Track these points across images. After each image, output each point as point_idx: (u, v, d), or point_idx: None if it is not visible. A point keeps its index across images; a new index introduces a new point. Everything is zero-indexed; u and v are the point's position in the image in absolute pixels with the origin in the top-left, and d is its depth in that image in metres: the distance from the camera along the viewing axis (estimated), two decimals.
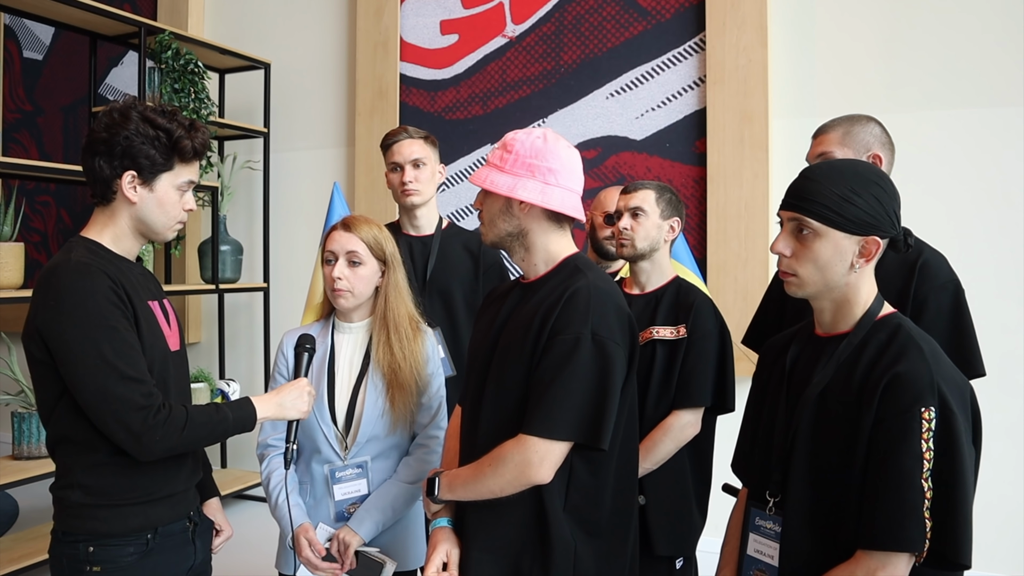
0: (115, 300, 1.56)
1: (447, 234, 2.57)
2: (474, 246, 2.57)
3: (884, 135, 1.90)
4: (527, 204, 1.58)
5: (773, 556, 1.44)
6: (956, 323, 1.76)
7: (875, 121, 1.91)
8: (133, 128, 1.59)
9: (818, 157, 1.89)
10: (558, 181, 1.58)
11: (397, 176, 2.52)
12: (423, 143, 2.52)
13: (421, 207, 2.53)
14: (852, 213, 1.36)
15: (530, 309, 1.59)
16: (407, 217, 2.57)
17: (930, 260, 1.79)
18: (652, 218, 2.16)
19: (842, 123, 1.91)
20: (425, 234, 2.56)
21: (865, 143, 1.87)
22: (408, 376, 1.96)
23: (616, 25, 3.87)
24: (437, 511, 1.67)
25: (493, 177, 1.59)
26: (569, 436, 1.49)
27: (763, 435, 1.52)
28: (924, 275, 1.77)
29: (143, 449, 1.54)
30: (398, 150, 2.51)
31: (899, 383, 1.31)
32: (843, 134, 1.88)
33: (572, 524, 1.55)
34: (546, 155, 1.59)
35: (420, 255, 2.52)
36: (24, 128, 5.28)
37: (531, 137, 1.60)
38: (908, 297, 1.76)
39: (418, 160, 2.49)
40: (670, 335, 2.11)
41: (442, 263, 2.52)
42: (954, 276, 1.80)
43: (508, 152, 1.60)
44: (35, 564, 3.23)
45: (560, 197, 1.58)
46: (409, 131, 2.54)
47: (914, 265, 1.77)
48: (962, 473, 1.29)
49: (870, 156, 1.86)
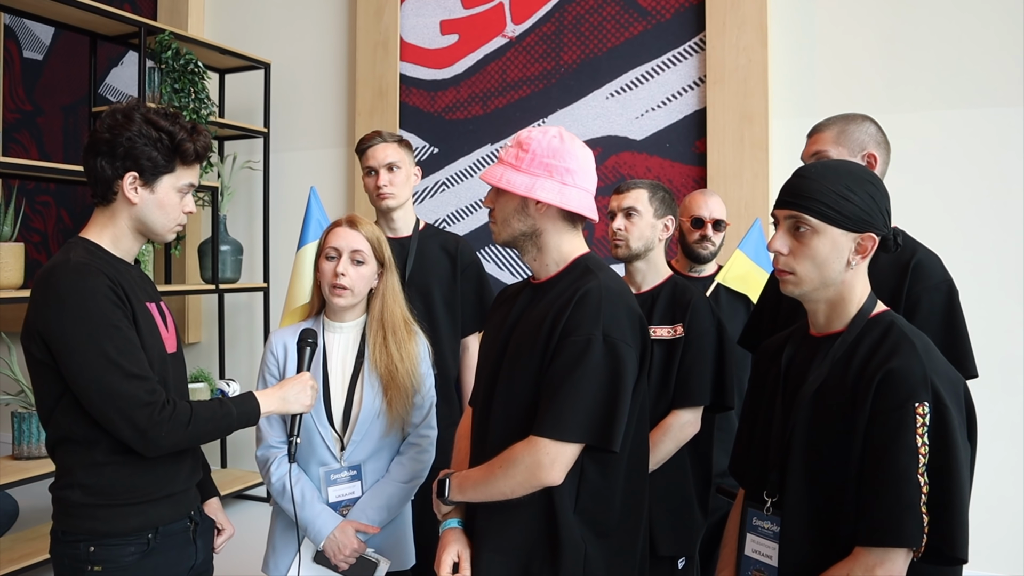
0: (115, 299, 1.57)
1: (424, 235, 2.61)
2: (451, 246, 2.61)
3: (880, 134, 1.88)
4: (544, 204, 1.57)
5: (772, 556, 1.44)
6: (949, 324, 1.74)
7: (871, 120, 1.89)
8: (136, 129, 1.60)
9: (812, 156, 1.88)
10: (575, 181, 1.58)
11: (372, 180, 2.56)
12: (397, 147, 2.56)
13: (397, 210, 2.57)
14: (849, 210, 1.37)
15: (541, 310, 1.58)
16: (384, 220, 2.61)
17: (923, 260, 1.77)
18: (646, 217, 2.16)
19: (837, 122, 1.89)
20: (402, 235, 2.60)
21: (860, 142, 1.85)
22: (405, 377, 1.97)
23: (616, 25, 3.87)
24: (448, 512, 1.67)
25: (509, 176, 1.58)
26: (580, 438, 1.48)
27: (760, 436, 1.52)
28: (917, 275, 1.75)
29: (149, 445, 1.55)
30: (372, 154, 2.55)
31: (892, 379, 1.32)
32: (838, 133, 1.86)
33: (582, 526, 1.54)
34: (564, 155, 1.57)
35: (398, 256, 2.54)
36: (24, 128, 5.29)
37: (547, 136, 1.59)
38: (901, 297, 1.74)
39: (392, 164, 2.53)
40: (667, 334, 2.11)
41: (420, 263, 2.55)
42: (947, 276, 1.78)
43: (524, 151, 1.58)
44: (35, 564, 3.23)
45: (578, 198, 1.58)
46: (383, 135, 2.58)
47: (907, 265, 1.75)
48: (957, 468, 1.29)
49: (865, 155, 1.84)
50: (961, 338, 1.75)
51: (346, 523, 1.94)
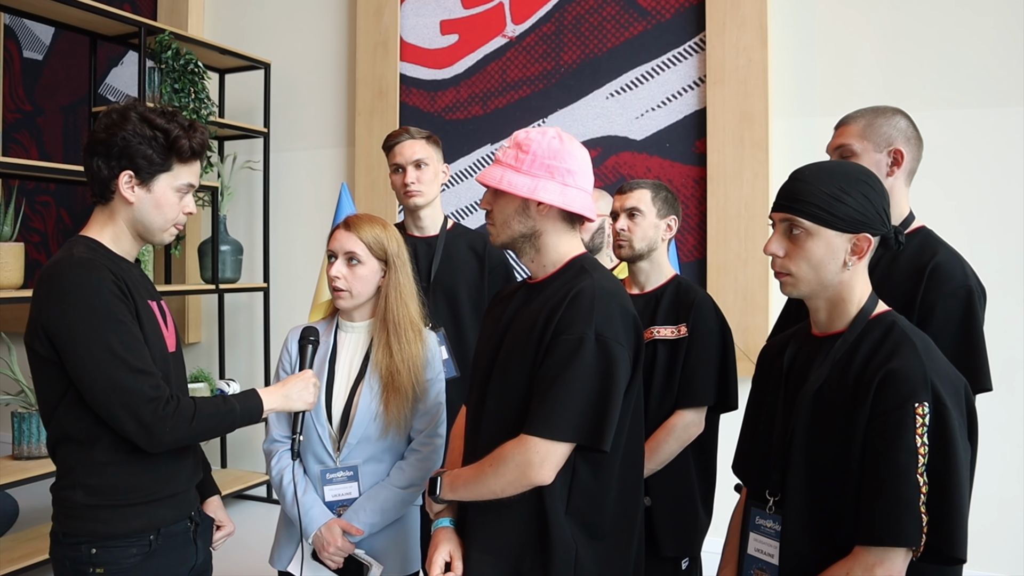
0: (119, 294, 1.56)
1: (452, 234, 2.57)
2: (479, 246, 2.56)
3: (910, 128, 1.79)
4: (545, 206, 1.56)
5: (773, 555, 1.45)
6: (965, 333, 1.63)
7: (902, 113, 1.79)
8: (131, 128, 1.60)
9: (836, 149, 1.81)
10: (576, 182, 1.58)
11: (399, 177, 2.51)
12: (425, 143, 2.51)
13: (425, 208, 2.53)
14: (842, 211, 1.38)
15: (535, 309, 1.58)
16: (411, 218, 2.57)
17: (942, 263, 1.66)
18: (649, 218, 2.16)
19: (865, 115, 1.79)
20: (430, 235, 2.55)
21: (887, 137, 1.76)
22: (405, 380, 1.95)
23: (616, 25, 3.87)
24: (439, 511, 1.67)
25: (510, 177, 1.57)
26: (570, 437, 1.48)
27: (762, 435, 1.52)
28: (934, 280, 1.65)
29: (153, 440, 1.55)
30: (399, 151, 2.50)
31: (893, 379, 1.32)
32: (864, 126, 1.77)
33: (574, 527, 1.53)
34: (564, 156, 1.57)
35: (424, 256, 2.52)
36: (24, 128, 5.28)
37: (547, 137, 1.58)
38: (915, 302, 1.64)
39: (420, 161, 2.49)
40: (671, 334, 2.11)
41: (447, 263, 2.51)
42: (967, 282, 1.66)
43: (524, 152, 1.57)
44: (35, 564, 3.23)
45: (579, 198, 1.58)
46: (411, 131, 2.52)
47: (924, 268, 1.66)
48: (957, 468, 1.30)
49: (891, 151, 1.76)
50: (976, 349, 1.64)
51: (334, 521, 1.93)
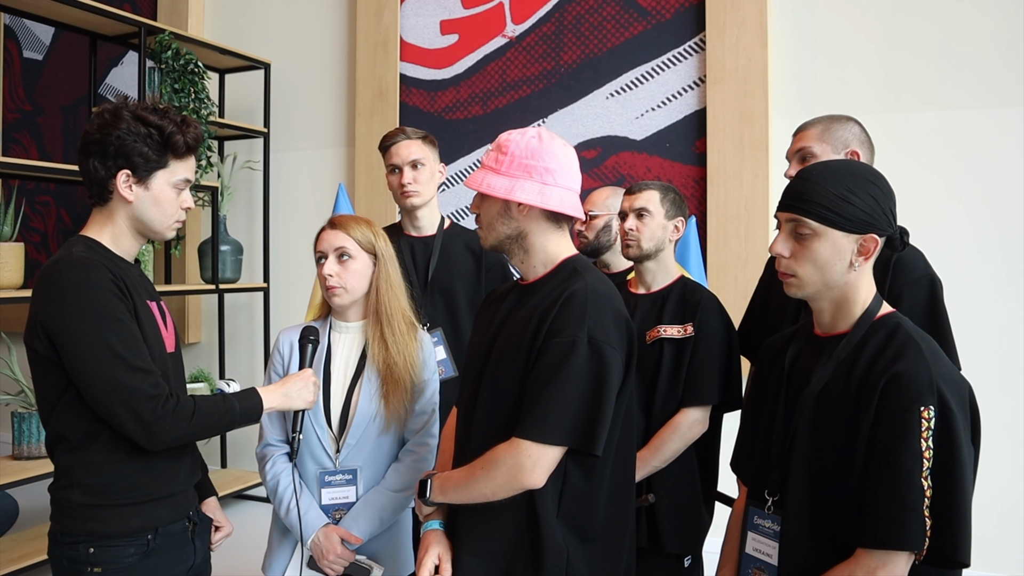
0: (118, 293, 1.57)
1: (449, 234, 2.56)
2: (476, 246, 2.54)
3: (863, 134, 1.93)
4: (525, 206, 1.56)
5: (772, 555, 1.44)
6: (930, 318, 1.74)
7: (855, 121, 1.94)
8: (125, 127, 1.60)
9: (796, 153, 1.93)
10: (556, 180, 1.57)
11: (396, 178, 2.51)
12: (421, 143, 2.51)
13: (422, 208, 2.52)
14: (849, 212, 1.37)
15: (527, 311, 1.57)
16: (408, 218, 2.56)
17: (904, 255, 1.77)
18: (657, 218, 2.17)
19: (822, 120, 1.94)
20: (427, 234, 2.55)
21: (843, 140, 1.89)
22: (403, 372, 1.95)
23: (616, 25, 3.87)
24: (429, 513, 1.66)
25: (489, 180, 1.57)
26: (562, 441, 1.47)
27: (762, 435, 1.52)
28: (899, 270, 1.76)
29: (153, 438, 1.55)
30: (396, 152, 2.50)
31: (898, 382, 1.31)
32: (822, 131, 1.91)
33: (565, 530, 1.52)
34: (542, 155, 1.56)
35: (422, 256, 2.51)
36: (24, 128, 5.29)
37: (525, 137, 1.58)
38: (883, 293, 1.72)
39: (416, 161, 2.48)
40: (677, 333, 2.12)
41: (444, 263, 2.50)
42: (929, 271, 1.79)
43: (503, 154, 1.57)
44: (35, 564, 3.23)
45: (559, 197, 1.57)
46: (407, 132, 2.52)
47: (888, 261, 1.75)
48: (961, 472, 1.29)
49: (848, 152, 1.88)
50: (943, 333, 1.75)
51: (331, 528, 1.92)
